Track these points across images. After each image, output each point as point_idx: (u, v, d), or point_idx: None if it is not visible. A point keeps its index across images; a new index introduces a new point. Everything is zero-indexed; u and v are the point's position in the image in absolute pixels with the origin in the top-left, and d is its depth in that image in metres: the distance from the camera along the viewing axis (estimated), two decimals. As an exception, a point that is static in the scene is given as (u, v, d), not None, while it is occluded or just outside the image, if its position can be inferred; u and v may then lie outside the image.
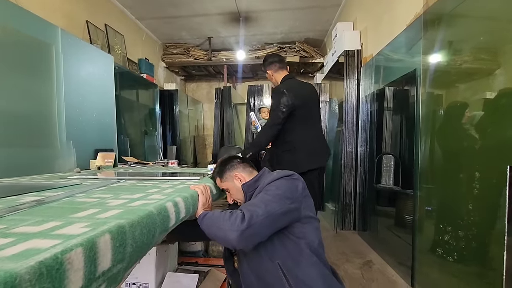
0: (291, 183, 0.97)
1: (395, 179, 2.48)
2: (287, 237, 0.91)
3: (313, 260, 0.90)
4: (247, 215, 0.81)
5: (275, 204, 0.87)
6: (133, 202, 0.74)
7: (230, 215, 0.84)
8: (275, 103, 1.90)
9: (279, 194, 0.90)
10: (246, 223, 0.79)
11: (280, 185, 0.95)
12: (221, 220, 0.85)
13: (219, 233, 0.85)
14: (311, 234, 0.93)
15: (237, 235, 0.79)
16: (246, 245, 0.83)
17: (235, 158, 1.18)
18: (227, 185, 1.14)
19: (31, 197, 0.78)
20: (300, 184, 0.98)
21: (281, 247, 0.91)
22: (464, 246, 1.54)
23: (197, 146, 5.29)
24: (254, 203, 0.88)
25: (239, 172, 1.13)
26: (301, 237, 0.91)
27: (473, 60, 1.56)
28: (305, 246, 0.91)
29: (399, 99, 2.56)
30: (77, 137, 2.09)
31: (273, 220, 0.85)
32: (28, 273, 0.33)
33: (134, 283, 1.45)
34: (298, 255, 0.90)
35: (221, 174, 1.15)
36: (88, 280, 0.43)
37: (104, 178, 1.29)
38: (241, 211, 0.84)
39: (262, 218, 0.82)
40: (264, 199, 0.89)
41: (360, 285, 1.99)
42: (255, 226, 0.80)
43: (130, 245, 0.54)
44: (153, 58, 4.66)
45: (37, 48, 1.88)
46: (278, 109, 1.86)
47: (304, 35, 4.67)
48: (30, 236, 0.44)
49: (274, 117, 1.88)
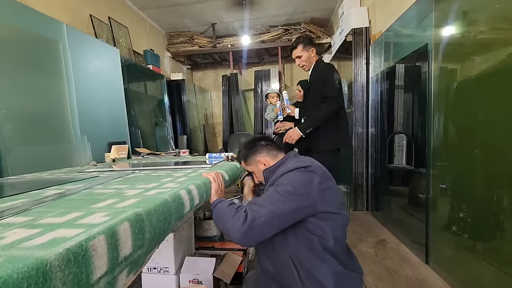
0: (307, 176, 0.89)
1: (408, 158, 2.45)
2: (300, 231, 0.88)
3: (326, 257, 0.86)
4: (249, 217, 0.80)
5: (281, 204, 0.83)
6: (149, 191, 0.76)
7: (235, 213, 0.84)
8: (330, 79, 1.93)
9: (289, 191, 0.86)
10: (247, 225, 0.79)
11: (293, 179, 0.89)
12: (226, 216, 0.86)
13: (224, 228, 0.88)
14: (327, 231, 0.87)
15: (239, 235, 0.80)
16: (248, 244, 0.85)
17: (259, 140, 1.15)
18: (252, 168, 1.15)
19: (53, 190, 0.82)
20: (316, 178, 0.89)
21: (294, 239, 0.89)
22: (479, 222, 1.53)
23: (207, 134, 5.34)
24: (260, 202, 0.86)
25: (263, 156, 1.11)
26: (314, 233, 0.87)
27: (489, 30, 1.49)
28: (317, 242, 0.86)
29: (410, 76, 2.49)
30: (90, 131, 2.14)
31: (279, 219, 0.83)
32: (57, 259, 0.35)
33: (155, 267, 1.52)
34: (310, 250, 0.87)
35: (245, 158, 1.16)
36: (112, 265, 0.46)
37: (120, 169, 1.33)
38: (245, 211, 0.83)
39: (264, 220, 0.81)
40: (272, 197, 0.86)
41: (373, 263, 2.01)
42: (256, 228, 0.80)
43: (149, 231, 0.57)
44: (158, 48, 4.65)
45: (44, 45, 1.91)
46: (335, 85, 1.91)
47: (310, 15, 4.52)
48: (55, 226, 0.47)
49: (332, 92, 1.91)
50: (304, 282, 0.86)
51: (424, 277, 1.81)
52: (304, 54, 2.07)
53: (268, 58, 5.53)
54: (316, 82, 2.07)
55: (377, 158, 3.00)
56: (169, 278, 1.51)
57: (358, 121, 3.17)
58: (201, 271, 1.51)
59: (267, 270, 0.96)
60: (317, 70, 2.08)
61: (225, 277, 1.52)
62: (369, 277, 1.83)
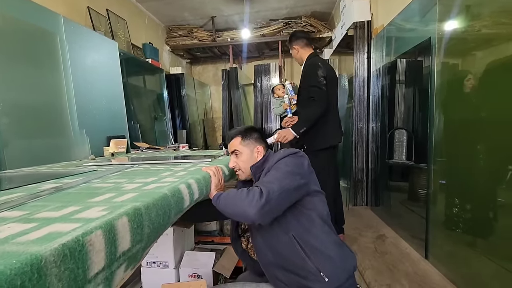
0: (298, 160, 1.00)
1: (408, 154, 2.44)
2: (299, 210, 0.96)
3: (325, 229, 0.97)
4: (265, 191, 0.84)
5: (287, 180, 0.91)
6: (148, 186, 0.75)
7: (248, 192, 0.87)
8: (313, 78, 1.94)
9: (289, 171, 0.94)
10: (265, 199, 0.82)
11: (289, 162, 0.98)
12: (238, 197, 0.88)
13: (237, 209, 0.87)
14: (320, 206, 0.99)
15: (256, 211, 0.82)
16: (265, 220, 0.87)
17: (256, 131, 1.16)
18: (244, 149, 1.11)
19: (50, 184, 0.81)
20: (305, 161, 1.01)
21: (294, 220, 0.95)
22: (478, 218, 1.52)
23: (206, 129, 5.31)
24: (269, 180, 0.91)
25: (262, 148, 1.13)
26: (312, 209, 0.97)
27: (492, 25, 1.47)
28: (316, 216, 0.96)
29: (412, 71, 2.46)
30: (89, 125, 2.12)
31: (287, 195, 0.90)
32: (53, 254, 0.34)
33: (154, 261, 1.52)
34: (311, 225, 0.95)
35: (245, 136, 1.12)
36: (109, 260, 0.45)
37: (118, 164, 1.32)
38: (257, 187, 0.87)
39: (278, 194, 0.85)
40: (277, 176, 0.92)
41: (373, 258, 2.02)
42: (272, 202, 0.84)
43: (147, 226, 0.56)
44: (157, 42, 4.60)
45: (41, 37, 1.88)
46: (319, 83, 1.91)
47: (311, 9, 4.47)
48: (51, 220, 0.46)
49: (318, 92, 1.92)
50: (310, 256, 0.91)
51: (424, 272, 1.82)
52: (293, 51, 2.11)
53: (268, 52, 5.47)
54: (303, 81, 2.08)
55: (377, 153, 2.99)
56: (169, 272, 1.51)
57: (359, 116, 3.15)
58: (200, 266, 1.51)
59: (269, 261, 0.99)
60: (304, 68, 2.08)
61: (225, 271, 1.52)
62: (369, 272, 1.83)
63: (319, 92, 1.91)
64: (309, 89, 1.96)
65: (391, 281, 1.73)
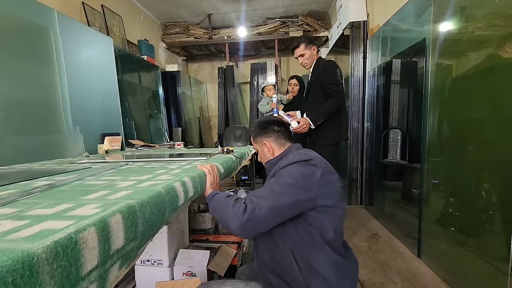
0: (308, 169, 0.89)
1: (402, 154, 2.46)
2: (301, 224, 0.88)
3: (325, 249, 0.87)
4: (249, 208, 0.80)
5: (283, 196, 0.83)
6: (142, 183, 0.75)
7: (234, 204, 0.83)
8: (333, 76, 2.03)
9: (290, 184, 0.85)
10: (247, 216, 0.78)
11: (294, 171, 0.89)
12: (225, 206, 0.84)
13: (223, 218, 0.86)
14: (327, 224, 0.88)
15: (238, 226, 0.79)
16: (247, 235, 0.83)
17: (273, 124, 1.12)
18: (257, 147, 1.16)
19: (43, 181, 0.80)
20: (317, 171, 0.88)
21: (293, 231, 0.89)
22: (470, 217, 1.55)
23: (202, 127, 5.30)
24: (260, 193, 0.86)
25: (270, 141, 1.10)
26: (314, 226, 0.87)
27: (486, 27, 1.48)
28: (317, 234, 0.87)
29: (407, 72, 2.48)
30: (83, 122, 2.10)
31: (280, 212, 0.83)
32: (45, 252, 0.34)
33: (148, 260, 1.51)
34: (310, 242, 0.87)
35: (254, 135, 1.15)
36: (103, 258, 0.44)
37: (113, 161, 1.31)
38: (244, 201, 0.83)
39: (265, 211, 0.80)
40: (273, 189, 0.86)
41: (367, 256, 2.04)
42: (256, 219, 0.79)
43: (141, 224, 0.56)
44: (153, 39, 4.56)
45: (34, 32, 1.85)
46: (338, 81, 2.02)
47: (307, 8, 4.47)
48: (44, 218, 0.45)
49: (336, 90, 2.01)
50: (304, 272, 0.86)
51: (416, 270, 1.84)
52: (307, 52, 2.14)
53: (265, 50, 5.46)
54: (318, 79, 2.13)
55: (372, 153, 3.01)
56: (163, 271, 1.51)
57: (354, 116, 3.17)
58: (195, 264, 1.50)
59: (265, 263, 0.96)
60: (319, 68, 2.15)
61: (219, 269, 1.52)
62: (362, 270, 1.85)
63: (337, 89, 2.01)
64: (327, 86, 2.03)
65: (384, 279, 1.75)
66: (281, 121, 1.15)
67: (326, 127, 2.07)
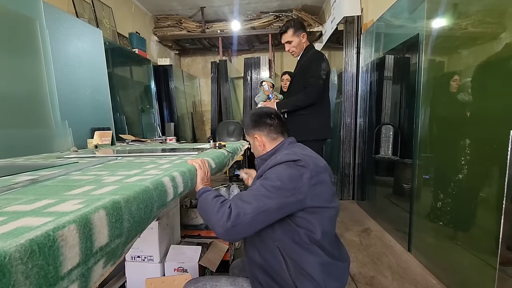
0: (296, 170, 0.85)
1: (394, 149, 2.48)
2: (289, 224, 0.86)
3: (313, 249, 0.86)
4: (234, 213, 0.77)
5: (269, 200, 0.80)
6: (129, 178, 0.73)
7: (219, 208, 0.80)
8: (315, 68, 1.88)
9: (277, 186, 0.82)
10: (231, 222, 0.76)
11: (281, 172, 0.85)
12: (211, 210, 0.82)
13: (208, 221, 0.84)
14: (315, 225, 0.85)
15: (222, 232, 0.78)
16: (233, 240, 0.82)
17: (266, 116, 1.07)
18: (249, 139, 1.14)
19: (25, 176, 0.77)
20: (306, 172, 0.84)
21: (280, 231, 0.87)
22: (459, 212, 1.57)
23: (195, 122, 5.25)
24: (246, 197, 0.82)
25: (261, 134, 1.06)
26: (302, 227, 0.85)
27: (477, 24, 1.49)
28: (305, 235, 0.85)
29: (399, 67, 2.49)
30: (72, 116, 2.04)
31: (265, 216, 0.81)
32: (18, 251, 0.32)
33: (139, 256, 1.50)
34: (297, 242, 0.86)
35: (247, 126, 1.12)
36: (85, 255, 0.43)
37: (101, 156, 1.28)
38: (229, 206, 0.80)
39: (250, 217, 0.77)
40: (258, 192, 0.82)
41: (358, 250, 2.06)
42: (240, 226, 0.77)
43: (127, 220, 0.54)
44: (145, 32, 4.47)
45: (20, 23, 1.78)
46: (319, 75, 1.86)
47: (302, 2, 4.43)
48: (21, 214, 0.43)
49: (315, 83, 1.87)
50: (292, 272, 0.85)
51: (406, 264, 1.87)
52: (295, 39, 1.97)
53: (259, 45, 5.42)
54: (301, 69, 1.99)
55: (364, 148, 3.03)
56: (154, 267, 1.49)
57: (347, 112, 3.18)
58: (186, 259, 1.49)
59: (254, 260, 0.95)
60: (306, 57, 2.00)
61: (211, 265, 1.51)
62: (353, 264, 1.86)
63: (315, 83, 1.87)
64: (307, 79, 1.89)
65: (375, 273, 1.77)
66: (274, 114, 1.10)
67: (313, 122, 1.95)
